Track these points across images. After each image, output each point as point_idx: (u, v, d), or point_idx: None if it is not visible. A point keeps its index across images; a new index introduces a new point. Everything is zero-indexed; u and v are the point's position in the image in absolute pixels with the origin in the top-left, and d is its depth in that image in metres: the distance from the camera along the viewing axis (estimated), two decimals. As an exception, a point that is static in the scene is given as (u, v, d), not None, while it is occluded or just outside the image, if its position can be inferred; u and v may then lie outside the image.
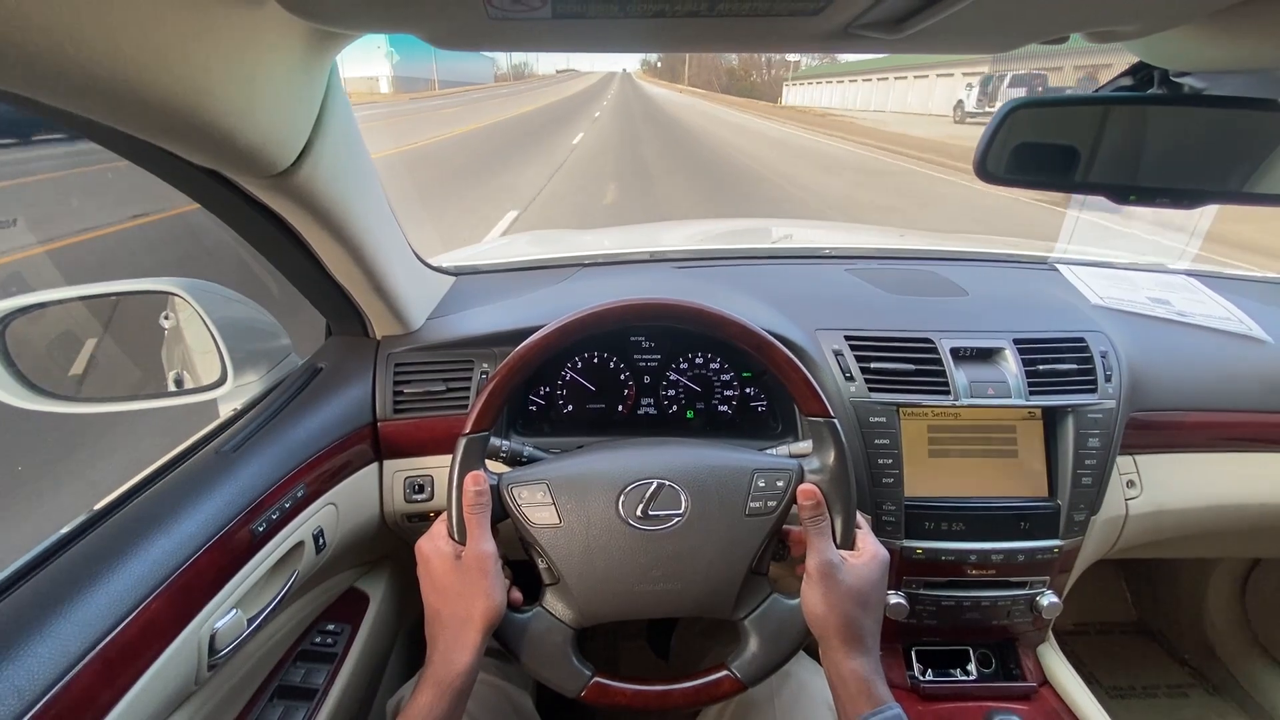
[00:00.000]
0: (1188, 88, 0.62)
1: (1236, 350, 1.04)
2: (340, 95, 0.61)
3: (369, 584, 1.00)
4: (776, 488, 0.65)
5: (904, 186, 9.28)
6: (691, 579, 0.64)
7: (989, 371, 0.91)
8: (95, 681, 0.49)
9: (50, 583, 0.52)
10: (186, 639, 0.57)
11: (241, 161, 0.53)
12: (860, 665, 0.60)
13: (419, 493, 0.92)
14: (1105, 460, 0.90)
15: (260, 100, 0.48)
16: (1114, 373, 0.92)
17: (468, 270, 1.19)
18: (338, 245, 0.71)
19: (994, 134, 0.62)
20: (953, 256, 1.31)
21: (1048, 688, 0.94)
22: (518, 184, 8.00)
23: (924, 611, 0.92)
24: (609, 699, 0.63)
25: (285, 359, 0.91)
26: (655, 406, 1.00)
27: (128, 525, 0.59)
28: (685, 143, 14.32)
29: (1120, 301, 1.13)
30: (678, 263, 1.25)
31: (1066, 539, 0.90)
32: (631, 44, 0.47)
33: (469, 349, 0.94)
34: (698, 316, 0.69)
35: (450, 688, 0.58)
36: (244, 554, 0.65)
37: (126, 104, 0.40)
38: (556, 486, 0.65)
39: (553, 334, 0.68)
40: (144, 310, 0.86)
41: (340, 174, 0.65)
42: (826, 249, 1.33)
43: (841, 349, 0.91)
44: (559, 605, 0.64)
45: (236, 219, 0.67)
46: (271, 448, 0.74)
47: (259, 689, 0.79)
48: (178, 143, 0.48)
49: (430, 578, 0.63)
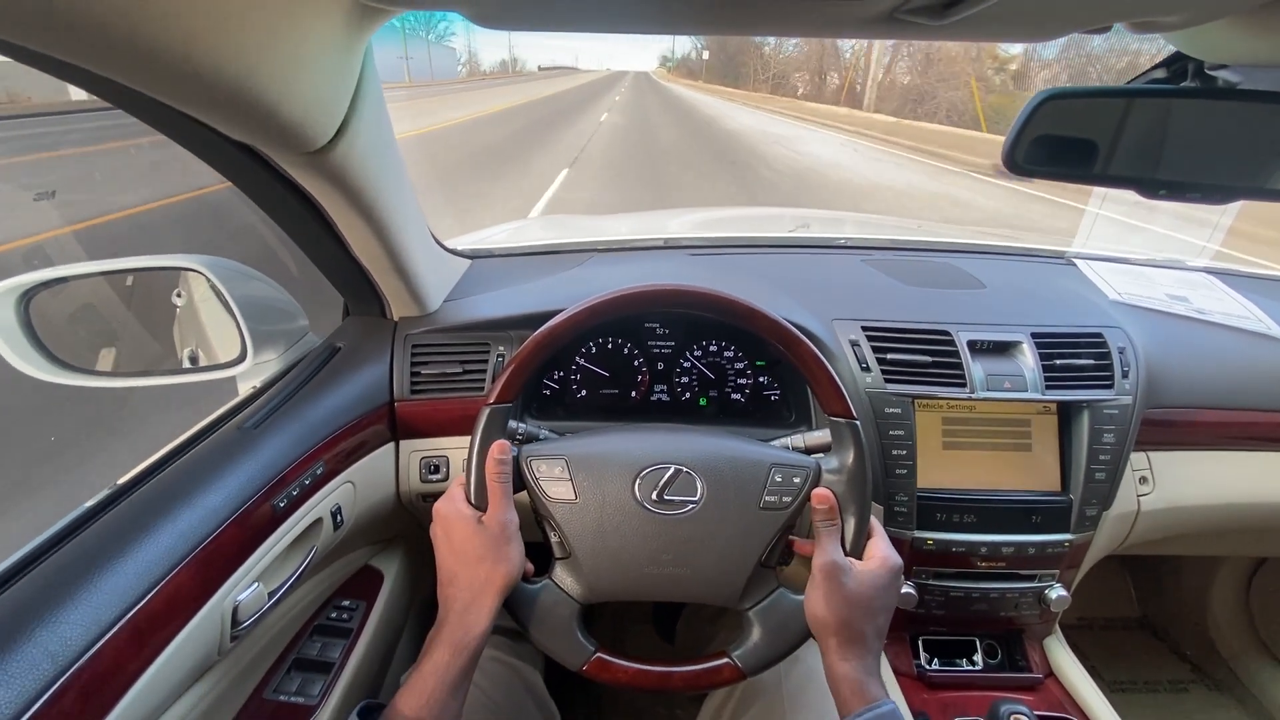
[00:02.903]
0: (1222, 81, 0.61)
1: (1255, 349, 1.03)
2: (373, 75, 0.61)
3: (383, 561, 1.01)
4: (793, 484, 0.65)
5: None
6: (701, 566, 0.64)
7: (1006, 365, 0.91)
8: (124, 649, 0.50)
9: (79, 554, 0.53)
10: (211, 610, 0.58)
11: (280, 137, 0.53)
12: (853, 668, 0.60)
13: (434, 473, 0.93)
14: (1119, 456, 0.90)
15: (303, 76, 0.48)
16: (1131, 369, 0.92)
17: (483, 253, 1.19)
18: (364, 225, 0.71)
19: (1024, 125, 0.61)
20: (969, 249, 1.30)
21: (1053, 679, 0.95)
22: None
23: (932, 602, 0.92)
24: (610, 675, 0.64)
25: (303, 338, 0.92)
26: (668, 393, 1.00)
27: (153, 499, 0.60)
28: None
29: (1138, 298, 1.12)
30: (693, 250, 1.25)
31: (1077, 534, 0.90)
32: (677, 24, 0.47)
33: (486, 331, 0.94)
34: (729, 307, 0.69)
35: (466, 649, 0.59)
36: (265, 529, 0.66)
37: (176, 76, 0.40)
38: (575, 463, 0.66)
39: (581, 314, 0.68)
40: (161, 287, 0.86)
41: (372, 154, 0.65)
42: (842, 239, 1.32)
43: (858, 339, 0.91)
44: (568, 579, 0.65)
45: (265, 196, 0.67)
46: (292, 425, 0.74)
47: (277, 660, 0.81)
48: (220, 116, 0.48)
49: (449, 540, 0.63)
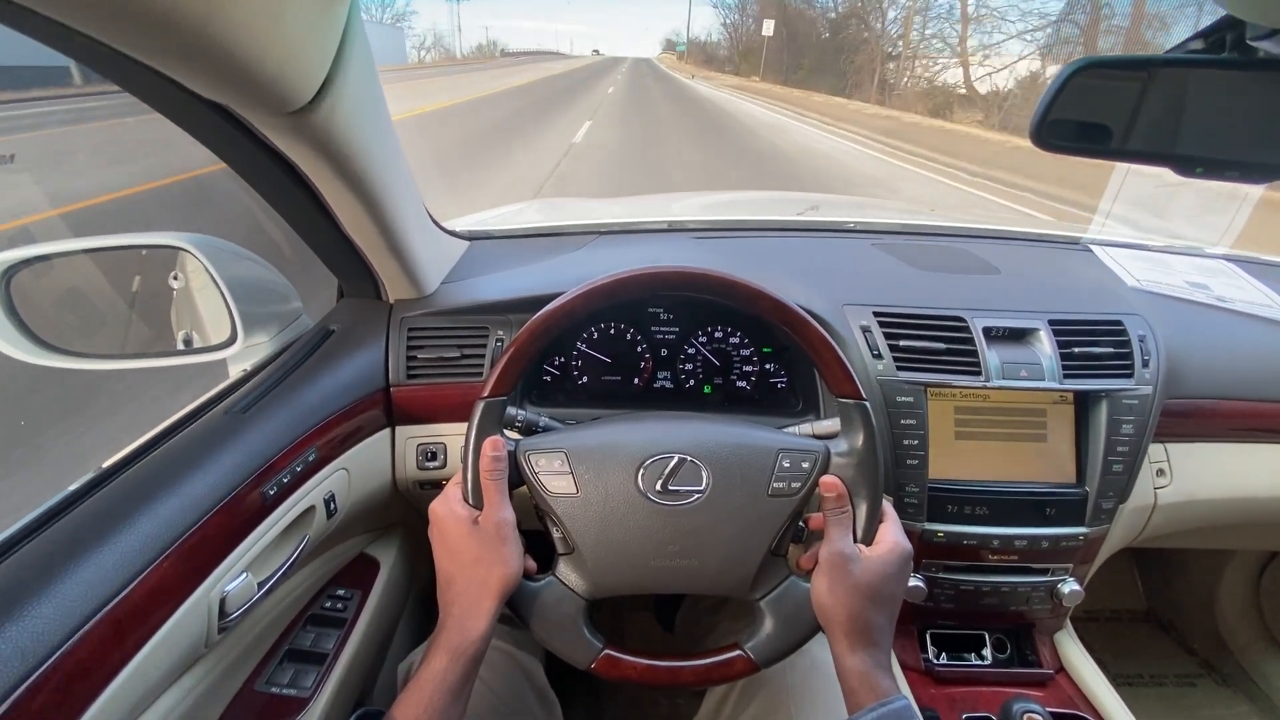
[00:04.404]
0: (1263, 53, 0.58)
1: (1277, 339, 1.00)
2: (360, 32, 0.56)
3: (380, 550, 0.99)
4: (801, 469, 0.63)
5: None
6: (709, 557, 0.62)
7: (1022, 353, 0.88)
8: (103, 643, 0.48)
9: (56, 542, 0.51)
10: (196, 601, 0.56)
11: (254, 94, 0.48)
12: (861, 660, 0.58)
13: (431, 460, 0.90)
14: (1138, 448, 0.87)
15: (278, 24, 0.44)
16: (1152, 358, 0.89)
17: (481, 235, 1.16)
18: (353, 197, 0.67)
19: (1054, 97, 0.57)
20: (983, 234, 1.26)
21: (1063, 675, 0.93)
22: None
23: (941, 595, 0.90)
24: (619, 672, 0.62)
25: (296, 320, 0.89)
26: (672, 380, 0.97)
27: (136, 485, 0.58)
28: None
29: (1158, 285, 1.09)
30: (696, 233, 1.21)
31: (1093, 527, 0.88)
32: None
33: (484, 315, 0.91)
34: (730, 289, 0.66)
35: (465, 654, 0.57)
36: (254, 517, 0.64)
37: (130, 14, 0.36)
38: (575, 455, 0.63)
39: (578, 299, 0.65)
40: (153, 266, 0.83)
41: (359, 118, 0.60)
42: (851, 223, 1.29)
43: (870, 325, 0.88)
44: (572, 575, 0.63)
45: (245, 164, 0.62)
46: (283, 410, 0.72)
47: (269, 652, 0.79)
48: (184, 68, 0.44)
49: (445, 542, 0.61)
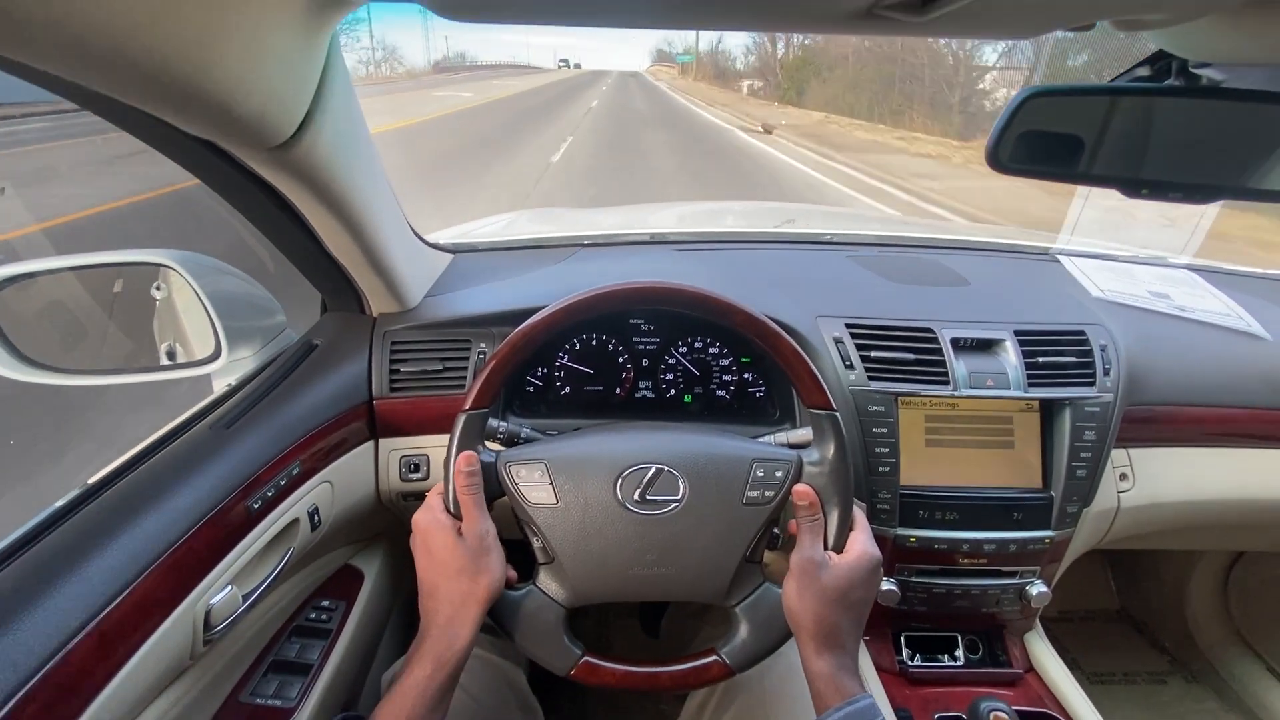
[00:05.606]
0: (1206, 80, 0.61)
1: (1235, 346, 1.04)
2: (341, 67, 0.59)
3: (364, 561, 1.00)
4: (775, 478, 0.65)
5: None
6: (686, 564, 0.64)
7: (988, 362, 0.91)
8: (90, 656, 0.49)
9: (44, 558, 0.52)
10: (182, 614, 0.57)
11: (239, 133, 0.51)
12: (827, 663, 0.60)
13: (414, 472, 0.91)
14: (1100, 453, 0.90)
15: (259, 69, 0.46)
16: (1113, 366, 0.92)
17: (465, 248, 1.17)
18: (336, 221, 0.69)
19: (1007, 123, 0.61)
20: (955, 245, 1.30)
21: (1033, 674, 0.96)
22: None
23: (915, 598, 0.93)
24: (598, 678, 0.63)
25: (280, 335, 0.90)
26: (653, 390, 0.99)
27: (121, 501, 0.59)
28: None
29: (1121, 295, 1.13)
30: (678, 245, 1.24)
31: (1058, 530, 0.91)
32: (646, 18, 0.46)
33: (467, 328, 0.93)
34: (703, 303, 0.68)
35: (448, 663, 0.58)
36: (239, 531, 0.65)
37: (119, 69, 0.38)
38: (555, 466, 0.65)
39: (557, 313, 0.67)
40: (141, 281, 0.84)
41: (340, 148, 0.63)
42: (828, 235, 1.32)
43: (842, 336, 0.91)
44: (552, 584, 0.64)
45: (232, 192, 0.65)
46: (266, 424, 0.73)
47: (254, 663, 0.79)
48: (172, 111, 0.46)
49: (428, 552, 0.62)
